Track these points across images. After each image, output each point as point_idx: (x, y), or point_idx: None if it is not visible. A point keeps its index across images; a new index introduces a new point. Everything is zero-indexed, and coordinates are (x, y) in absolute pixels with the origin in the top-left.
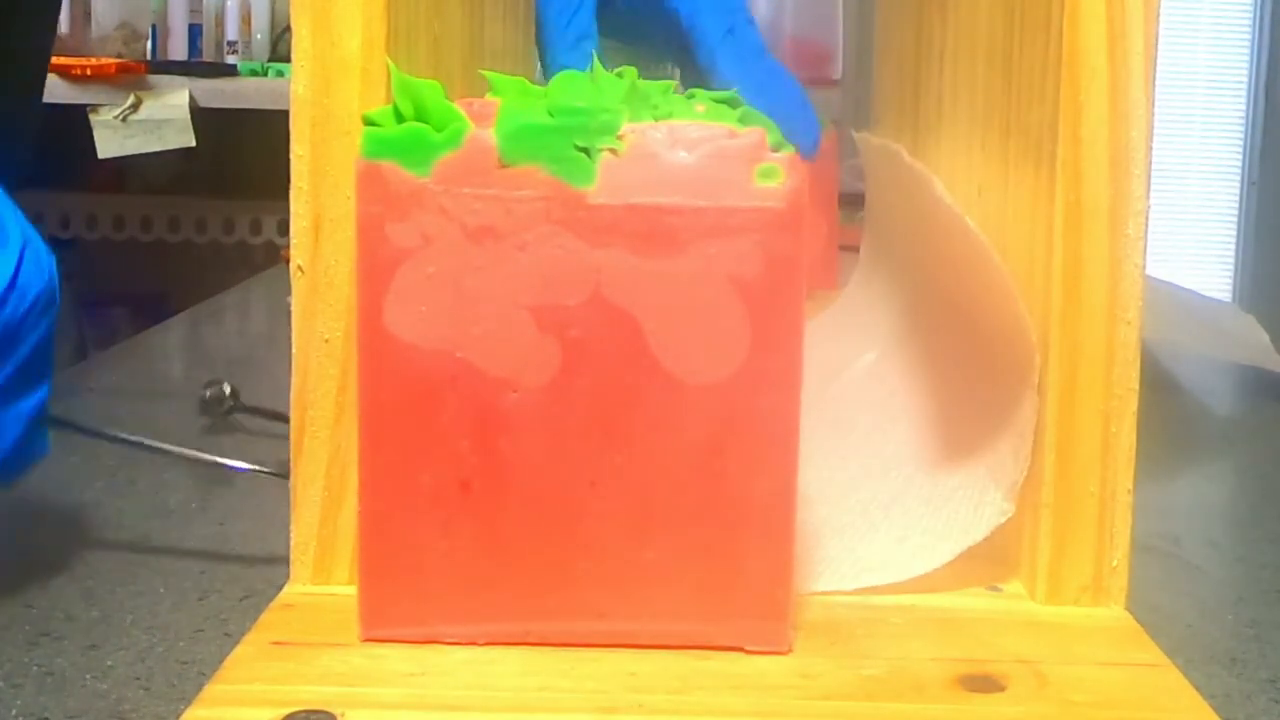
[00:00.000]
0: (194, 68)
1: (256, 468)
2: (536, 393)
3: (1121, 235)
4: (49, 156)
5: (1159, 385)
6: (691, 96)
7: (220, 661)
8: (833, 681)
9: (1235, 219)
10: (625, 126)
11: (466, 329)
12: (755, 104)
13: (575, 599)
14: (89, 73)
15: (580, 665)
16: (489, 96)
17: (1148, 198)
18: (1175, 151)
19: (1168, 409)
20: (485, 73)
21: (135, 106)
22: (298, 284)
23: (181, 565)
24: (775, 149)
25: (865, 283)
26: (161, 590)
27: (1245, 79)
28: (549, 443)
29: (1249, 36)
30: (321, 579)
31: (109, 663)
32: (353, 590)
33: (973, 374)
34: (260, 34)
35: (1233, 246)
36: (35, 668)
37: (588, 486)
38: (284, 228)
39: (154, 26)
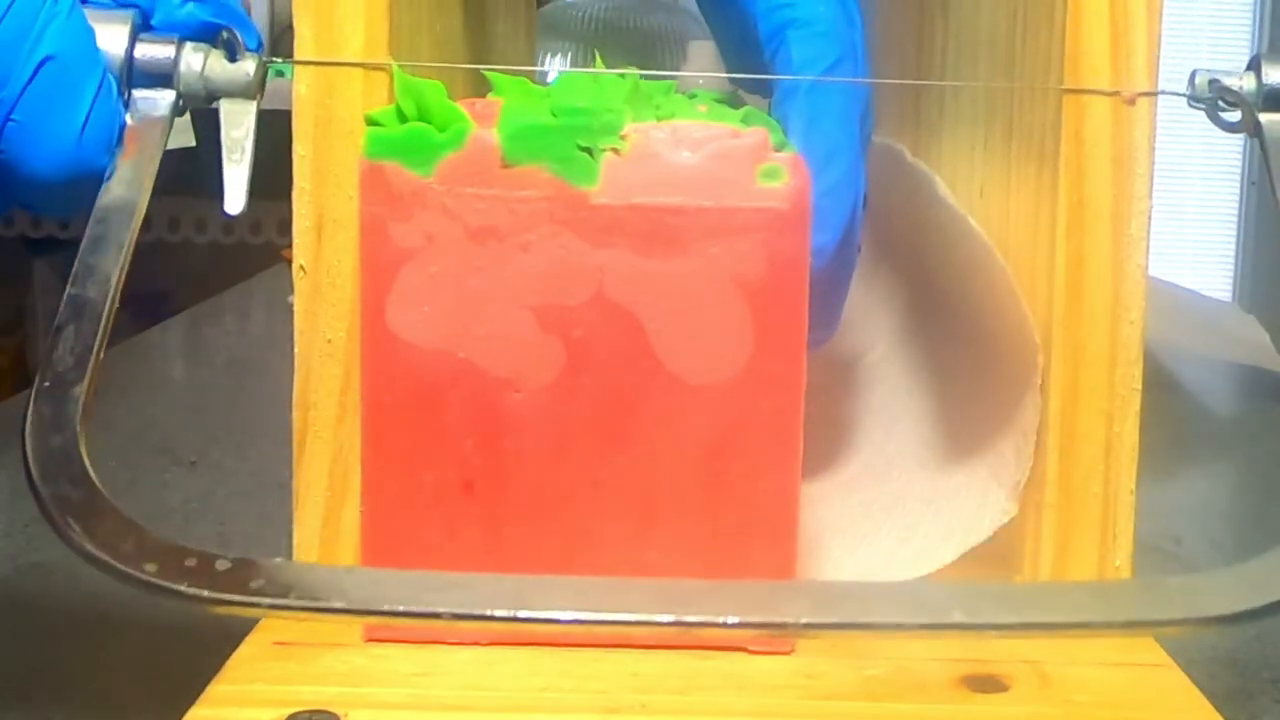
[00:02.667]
0: None
1: None
2: (539, 393)
3: (1124, 235)
4: None
5: (1159, 385)
6: (693, 96)
7: (222, 662)
8: (835, 681)
9: (1235, 219)
10: (628, 126)
11: (469, 329)
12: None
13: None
14: None
15: (583, 665)
16: (491, 96)
17: (1150, 198)
18: (1175, 151)
19: (1168, 409)
20: (487, 72)
21: None
22: (300, 284)
23: None
24: (778, 149)
25: (867, 282)
26: None
27: None
28: (552, 443)
29: (1249, 36)
30: None
31: (110, 663)
32: None
33: (975, 374)
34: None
35: (1233, 246)
36: (36, 668)
37: (590, 487)
38: (284, 228)
39: None
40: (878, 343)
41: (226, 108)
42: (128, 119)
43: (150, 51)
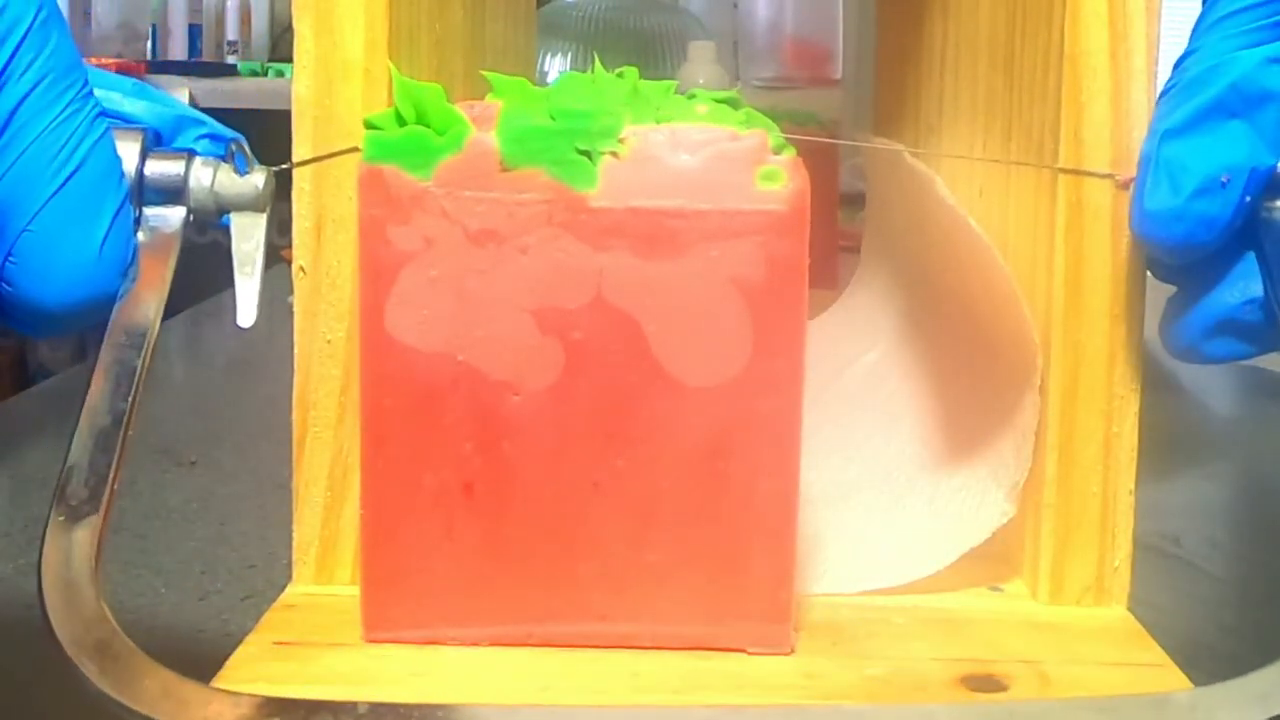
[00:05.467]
0: (194, 68)
1: None
2: (539, 395)
3: (1123, 235)
4: None
5: (1159, 385)
6: (692, 97)
7: (222, 662)
8: (835, 682)
9: None
10: (627, 129)
11: (469, 332)
12: None
13: (577, 601)
14: None
15: (582, 665)
16: (490, 98)
17: None
18: None
19: (1168, 409)
20: (487, 74)
21: None
22: (300, 284)
23: (181, 565)
24: (777, 151)
25: (866, 283)
26: (162, 590)
27: None
28: (551, 445)
29: None
30: (324, 579)
31: None
32: (355, 591)
33: (974, 374)
34: (260, 34)
35: None
36: (35, 668)
37: (590, 489)
38: (283, 228)
39: (154, 26)
40: (877, 343)
41: (237, 221)
42: (140, 237)
43: (161, 168)
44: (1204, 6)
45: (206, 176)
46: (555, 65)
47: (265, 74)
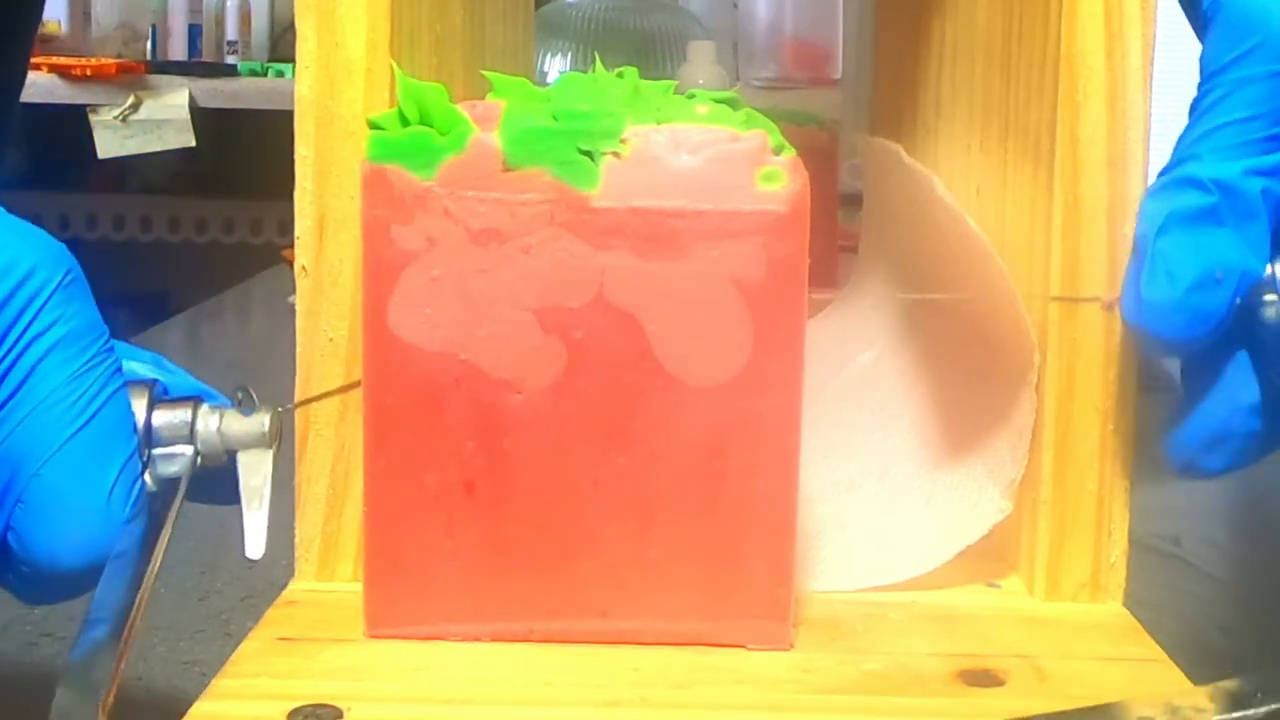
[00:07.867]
0: (194, 68)
1: None
2: (540, 394)
3: (1119, 234)
4: (49, 157)
5: (1159, 385)
6: (692, 97)
7: (222, 662)
8: (833, 676)
9: None
10: (628, 130)
11: (471, 331)
12: None
13: (578, 598)
14: (89, 73)
15: (583, 661)
16: (491, 97)
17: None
18: (1169, 150)
19: (1167, 409)
20: (487, 74)
21: (135, 106)
22: (302, 283)
23: (181, 565)
24: (777, 152)
25: (864, 282)
26: (162, 590)
27: None
28: (553, 444)
29: None
30: (326, 576)
31: None
32: (357, 587)
33: (971, 372)
34: (260, 34)
35: None
36: (35, 668)
37: (591, 487)
38: (284, 228)
39: (154, 26)
40: (875, 342)
41: (244, 459)
42: (146, 479)
43: (168, 418)
44: (1191, 117)
45: (213, 422)
46: (555, 65)
47: (265, 74)
